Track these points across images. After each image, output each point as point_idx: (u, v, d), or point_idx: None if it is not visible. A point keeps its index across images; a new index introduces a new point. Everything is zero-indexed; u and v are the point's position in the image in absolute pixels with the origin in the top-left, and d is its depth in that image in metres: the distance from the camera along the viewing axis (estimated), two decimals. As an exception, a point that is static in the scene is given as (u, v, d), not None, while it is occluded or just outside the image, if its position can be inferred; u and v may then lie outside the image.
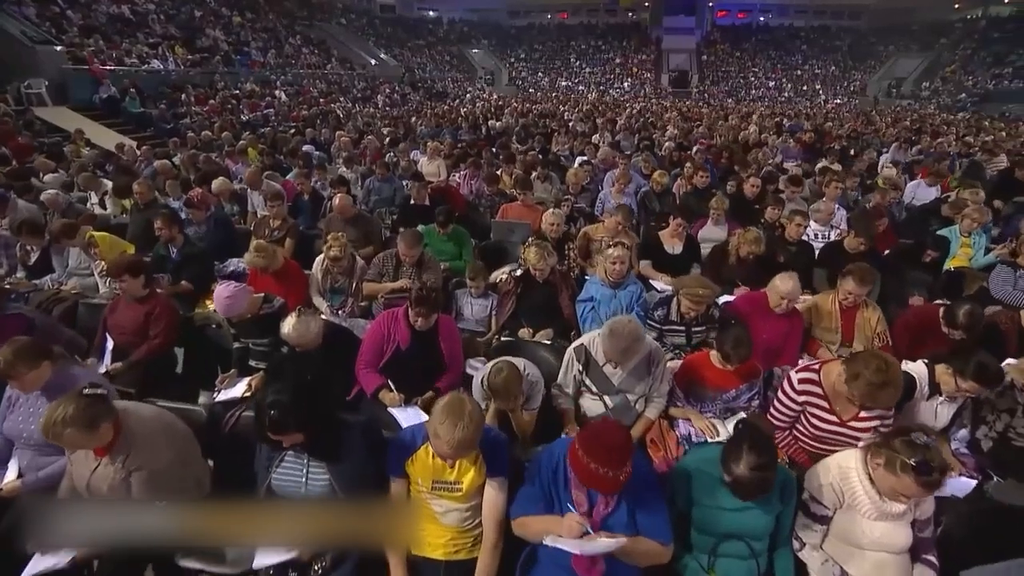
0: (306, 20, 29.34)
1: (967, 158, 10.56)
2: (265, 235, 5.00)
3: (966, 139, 13.01)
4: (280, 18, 26.96)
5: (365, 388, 2.79)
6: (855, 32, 39.94)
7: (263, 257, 3.68)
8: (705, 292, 3.17)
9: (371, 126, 13.79)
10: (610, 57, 43.03)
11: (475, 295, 3.76)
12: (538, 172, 7.24)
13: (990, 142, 11.98)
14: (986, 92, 29.04)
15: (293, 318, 2.69)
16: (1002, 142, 12.17)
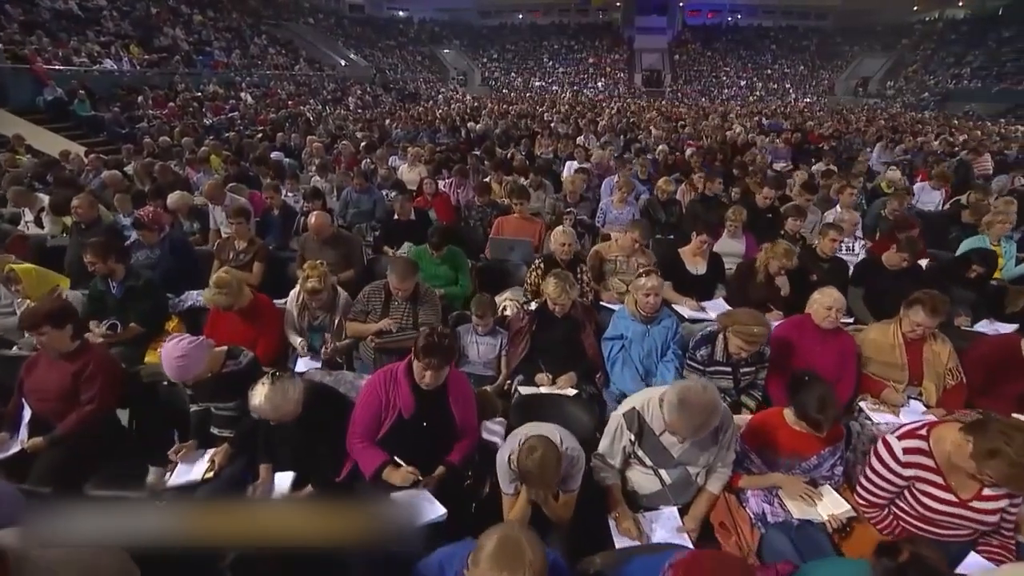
0: (272, 19, 28.19)
1: (951, 157, 10.51)
2: (229, 258, 4.35)
3: (947, 138, 13.05)
4: (244, 17, 25.80)
5: (364, 467, 2.22)
6: (821, 32, 40.71)
7: (226, 295, 3.06)
8: (760, 331, 2.70)
9: (344, 129, 13.06)
10: (583, 57, 42.98)
11: (481, 332, 3.21)
12: (530, 179, 6.74)
13: (973, 141, 11.99)
14: (947, 91, 29.81)
15: (266, 387, 2.10)
16: (981, 140, 12.17)
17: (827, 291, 3.01)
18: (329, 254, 4.27)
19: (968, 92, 28.47)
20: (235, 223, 4.33)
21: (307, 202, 5.37)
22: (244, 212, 4.43)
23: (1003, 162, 10.34)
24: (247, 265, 4.33)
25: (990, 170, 9.47)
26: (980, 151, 10.42)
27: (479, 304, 3.15)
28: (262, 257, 4.37)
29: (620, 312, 3.12)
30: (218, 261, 4.38)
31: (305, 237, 4.40)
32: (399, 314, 3.14)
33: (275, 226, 5.43)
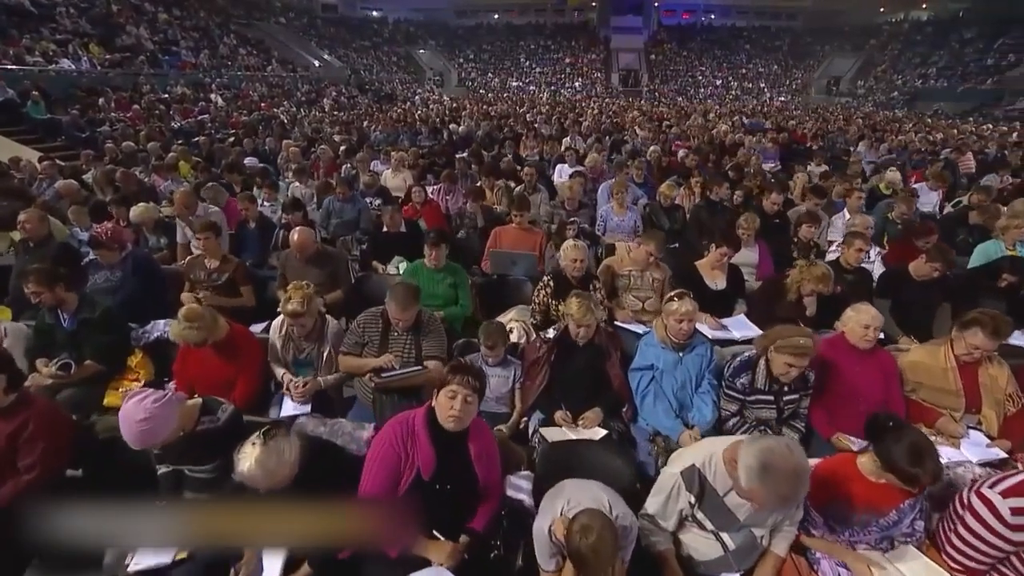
0: (242, 19, 27.26)
1: (934, 156, 10.54)
2: (201, 279, 3.91)
3: (927, 136, 13.16)
4: (212, 16, 24.87)
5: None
6: (793, 32, 41.37)
7: (198, 329, 2.65)
8: (806, 341, 2.44)
9: (320, 132, 12.52)
10: (559, 57, 42.90)
11: (492, 363, 2.87)
12: (526, 182, 6.41)
13: (954, 140, 12.10)
14: (915, 91, 30.51)
15: (257, 449, 1.73)
16: (963, 139, 12.29)
17: (862, 308, 2.75)
18: (314, 273, 3.87)
19: (935, 91, 29.17)
20: (202, 239, 3.87)
21: (286, 213, 4.93)
22: (212, 227, 3.95)
23: (984, 161, 10.40)
24: (223, 287, 3.90)
25: (973, 168, 9.49)
26: (963, 150, 10.48)
27: (489, 332, 2.80)
28: (244, 277, 3.95)
29: (648, 339, 2.81)
30: (188, 283, 3.95)
31: (286, 254, 3.99)
32: (400, 347, 2.76)
33: (252, 240, 4.99)
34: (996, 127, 17.22)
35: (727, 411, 2.66)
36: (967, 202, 6.00)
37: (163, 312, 3.63)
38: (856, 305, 2.77)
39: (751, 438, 1.68)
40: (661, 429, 2.58)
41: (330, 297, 3.87)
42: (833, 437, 2.63)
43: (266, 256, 4.84)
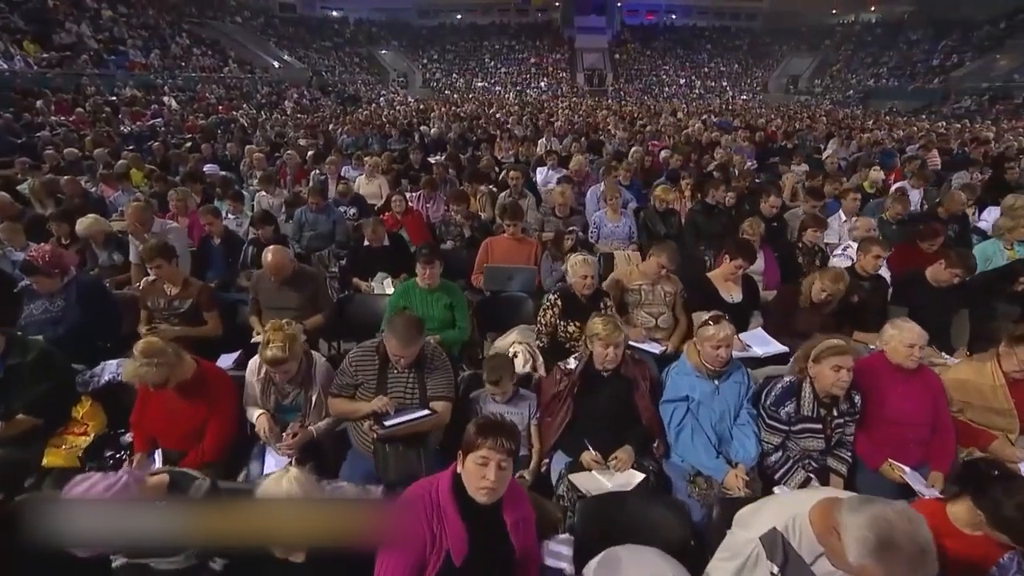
0: (195, 18, 25.99)
1: (901, 154, 10.72)
2: (160, 307, 3.44)
3: (891, 134, 13.47)
4: (163, 14, 23.59)
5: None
6: (752, 33, 42.34)
7: (159, 366, 2.23)
8: (848, 345, 2.24)
9: (284, 136, 11.88)
10: (524, 57, 42.77)
11: (500, 400, 2.54)
12: (511, 188, 6.09)
13: (919, 138, 12.39)
14: (869, 89, 31.59)
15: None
16: (930, 137, 12.59)
17: (905, 325, 2.55)
18: (291, 297, 3.47)
19: (887, 90, 30.25)
20: (153, 267, 3.36)
21: (255, 227, 4.47)
22: (162, 252, 3.39)
23: (949, 158, 10.64)
24: (187, 315, 3.44)
25: (939, 165, 9.68)
26: (929, 147, 10.71)
27: (492, 367, 2.47)
28: (209, 302, 3.50)
29: (680, 367, 2.53)
30: (144, 312, 3.47)
31: (258, 276, 3.55)
32: (401, 387, 2.40)
33: (217, 258, 4.51)
34: (950, 124, 17.86)
35: (769, 444, 2.41)
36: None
37: (116, 349, 3.17)
38: (896, 322, 2.57)
39: (853, 501, 1.41)
40: (702, 469, 2.31)
41: (310, 323, 3.47)
42: (883, 466, 2.41)
43: (233, 276, 4.37)
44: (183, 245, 4.68)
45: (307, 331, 3.36)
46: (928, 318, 3.52)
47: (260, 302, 3.53)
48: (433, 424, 2.32)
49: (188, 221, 5.29)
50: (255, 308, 3.56)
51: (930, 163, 9.69)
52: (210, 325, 3.50)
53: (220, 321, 3.56)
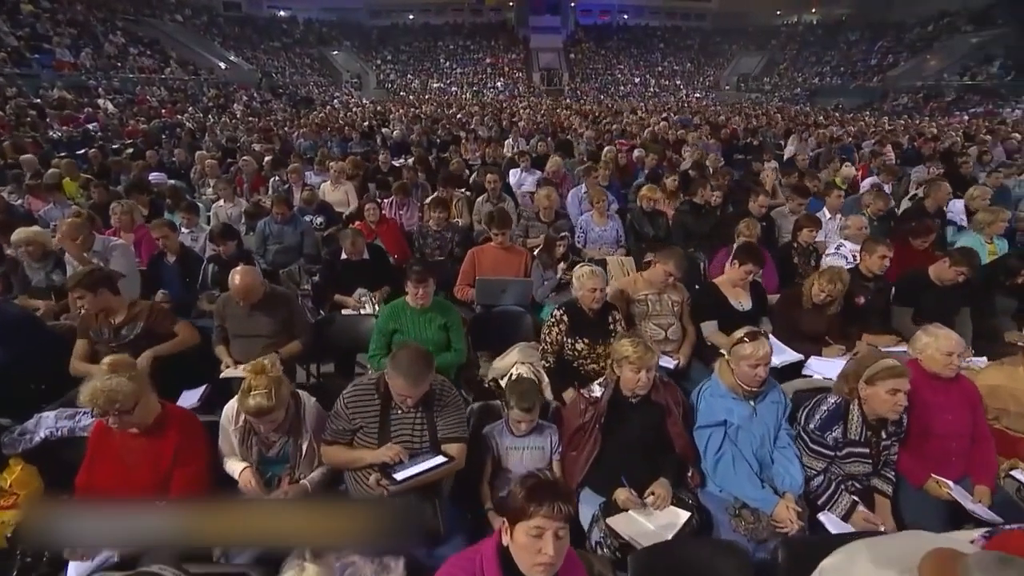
0: (130, 15, 24.39)
1: (858, 150, 11.06)
2: (106, 339, 2.99)
3: (847, 130, 13.92)
4: (93, 11, 22.01)
5: None
6: (703, 32, 43.45)
7: (131, 379, 1.90)
8: (906, 370, 2.08)
9: (237, 141, 11.18)
10: (480, 57, 42.48)
11: (522, 432, 2.26)
12: (489, 192, 5.81)
13: (874, 135, 12.84)
14: (814, 87, 32.90)
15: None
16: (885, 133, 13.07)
17: (939, 331, 2.43)
18: (262, 322, 3.08)
19: (831, 88, 31.58)
20: (79, 298, 2.87)
21: (215, 242, 4.02)
22: (95, 282, 2.87)
23: (904, 153, 11.04)
24: (138, 343, 3.00)
25: (894, 160, 10.00)
26: (884, 143, 11.08)
27: (523, 393, 2.20)
28: (167, 318, 3.08)
29: (713, 389, 2.32)
30: (84, 343, 2.99)
31: (224, 300, 3.14)
32: (407, 430, 2.09)
33: (172, 278, 4.03)
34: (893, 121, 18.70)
35: (812, 469, 2.23)
36: (922, 194, 6.13)
37: (52, 392, 2.71)
38: (930, 328, 2.44)
39: (984, 560, 1.21)
40: (748, 500, 2.10)
41: (286, 351, 3.10)
42: (927, 483, 2.28)
43: (192, 299, 3.92)
44: (130, 265, 4.19)
45: (283, 360, 3.03)
46: (934, 318, 3.49)
47: (227, 329, 3.12)
48: (448, 471, 2.03)
49: (134, 237, 4.78)
50: (221, 336, 3.16)
51: (886, 158, 10.03)
52: (183, 335, 3.08)
53: (193, 327, 3.14)
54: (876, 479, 2.26)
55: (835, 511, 2.16)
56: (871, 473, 2.24)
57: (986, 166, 8.58)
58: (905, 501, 2.28)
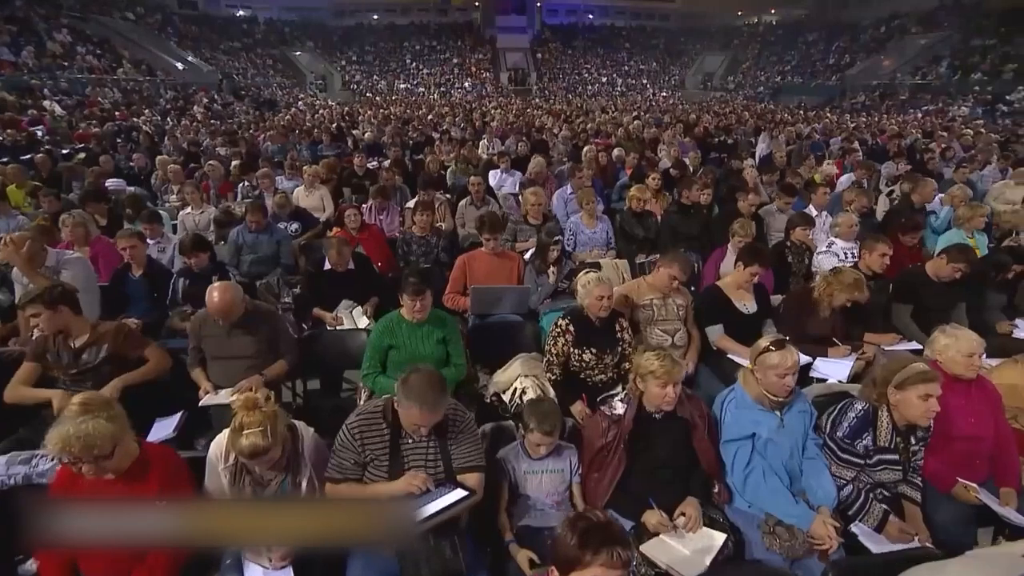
0: (76, 12, 23.14)
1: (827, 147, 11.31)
2: (65, 365, 2.69)
3: (813, 127, 14.25)
4: (34, 7, 20.78)
5: None
6: (667, 32, 44.21)
7: (108, 419, 1.68)
8: (936, 374, 2.02)
9: (200, 145, 10.66)
10: (447, 57, 42.17)
11: (541, 455, 2.11)
12: (472, 195, 5.63)
13: (840, 130, 13.17)
14: (777, 86, 33.76)
15: None
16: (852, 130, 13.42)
17: (958, 332, 2.38)
18: (244, 342, 2.84)
19: (793, 87, 32.44)
20: (33, 317, 2.59)
21: (186, 255, 3.72)
22: (55, 299, 2.60)
23: (871, 149, 11.34)
24: (102, 370, 2.71)
25: (861, 157, 10.26)
26: (851, 139, 11.36)
27: (545, 414, 2.04)
28: (135, 340, 2.81)
29: (738, 400, 2.21)
30: (31, 368, 2.67)
31: (200, 319, 2.88)
32: (420, 460, 1.90)
33: (138, 295, 3.72)
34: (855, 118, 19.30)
35: (841, 479, 2.15)
36: (899, 191, 6.25)
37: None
38: (948, 329, 2.40)
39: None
40: (783, 517, 2.00)
41: (272, 372, 2.87)
42: (955, 488, 2.22)
43: (162, 317, 3.61)
44: (89, 281, 3.86)
45: (268, 382, 2.81)
46: (932, 315, 3.52)
47: (205, 351, 2.87)
48: (470, 506, 1.85)
49: (91, 251, 4.41)
50: (197, 358, 2.90)
51: (857, 155, 10.28)
52: (154, 360, 2.81)
53: (164, 351, 2.87)
54: (904, 486, 2.20)
55: (867, 522, 2.09)
56: (900, 480, 2.16)
57: (948, 161, 8.88)
58: (932, 508, 2.22)
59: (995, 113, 20.64)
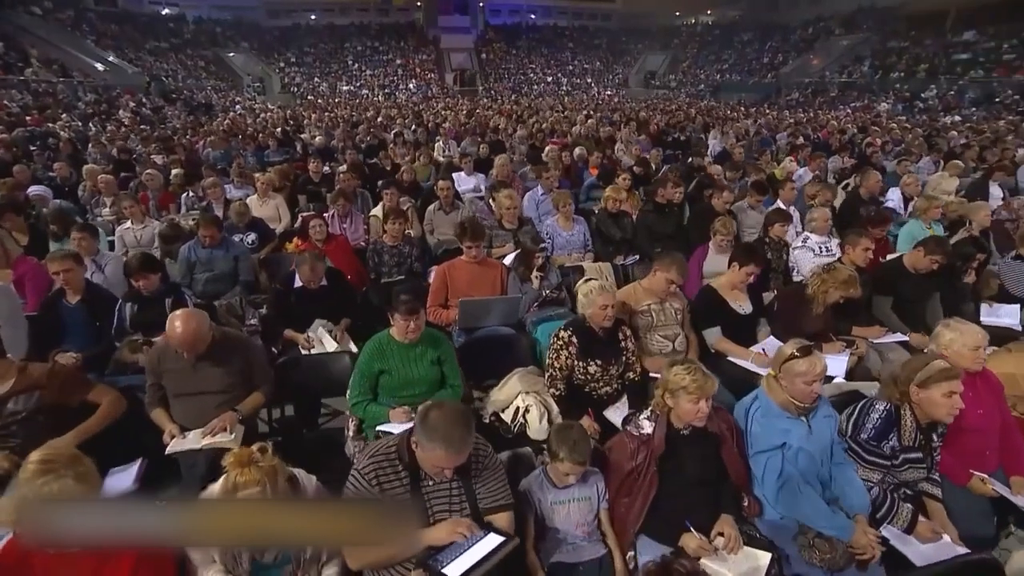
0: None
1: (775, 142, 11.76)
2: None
3: (759, 123, 14.79)
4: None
5: None
6: (609, 32, 45.05)
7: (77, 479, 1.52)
8: (958, 371, 2.03)
9: (131, 152, 9.83)
10: (390, 58, 41.36)
11: (571, 483, 1.95)
12: (441, 199, 5.40)
13: (785, 127, 13.72)
14: (717, 83, 35.06)
15: None
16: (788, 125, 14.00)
17: (962, 326, 2.41)
18: (213, 375, 2.52)
19: (732, 84, 33.78)
20: None
21: (134, 276, 3.30)
22: None
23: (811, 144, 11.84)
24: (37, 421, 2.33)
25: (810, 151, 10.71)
26: (797, 135, 11.85)
27: (576, 444, 1.88)
28: (78, 382, 2.45)
29: (765, 409, 2.12)
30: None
31: (159, 353, 2.53)
32: (444, 502, 1.69)
33: (75, 327, 3.27)
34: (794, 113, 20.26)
35: (868, 481, 2.11)
36: (853, 183, 6.49)
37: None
38: (951, 324, 2.41)
39: None
40: (823, 529, 1.92)
41: (247, 406, 2.56)
42: (971, 481, 2.23)
43: (107, 350, 3.19)
44: (12, 311, 3.42)
45: (244, 419, 2.51)
46: (909, 306, 3.62)
47: (167, 387, 2.53)
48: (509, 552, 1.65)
49: (14, 274, 3.91)
50: (157, 397, 2.55)
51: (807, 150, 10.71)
52: (106, 405, 2.44)
53: (115, 392, 2.51)
54: (925, 484, 2.18)
55: (896, 523, 2.05)
56: (922, 478, 2.15)
57: (888, 155, 9.38)
58: (950, 503, 2.22)
59: (913, 109, 22.18)
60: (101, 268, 3.98)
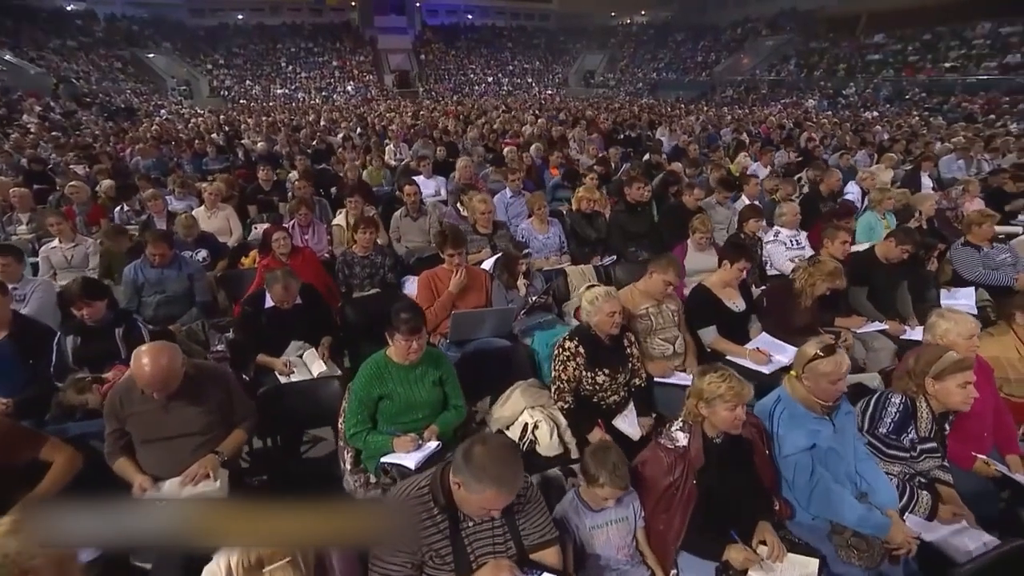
0: None
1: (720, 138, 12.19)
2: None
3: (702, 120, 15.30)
4: None
5: None
6: (547, 32, 45.61)
7: None
8: (971, 361, 2.08)
9: (45, 162, 8.90)
10: (326, 60, 40.08)
11: (609, 506, 1.84)
12: (408, 205, 5.17)
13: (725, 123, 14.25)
14: (654, 82, 36.16)
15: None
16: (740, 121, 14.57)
17: (955, 316, 2.49)
18: (187, 416, 2.24)
19: (669, 83, 34.94)
20: None
21: (77, 306, 2.90)
22: None
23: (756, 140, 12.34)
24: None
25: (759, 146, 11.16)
26: (740, 130, 12.33)
27: (615, 467, 1.77)
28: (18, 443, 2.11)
29: (790, 411, 2.08)
30: None
31: (122, 394, 2.21)
32: (487, 544, 1.53)
33: (3, 364, 2.83)
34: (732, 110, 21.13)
35: (889, 474, 2.12)
36: (807, 178, 6.78)
37: None
38: (946, 313, 2.49)
39: None
40: (860, 528, 1.90)
41: (229, 447, 2.30)
42: (975, 464, 2.30)
43: (46, 392, 2.78)
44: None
45: (227, 459, 2.25)
46: (883, 294, 3.75)
47: (132, 433, 2.22)
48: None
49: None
50: (119, 445, 2.22)
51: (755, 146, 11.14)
52: (60, 462, 2.11)
53: (68, 447, 2.17)
54: (937, 471, 2.22)
55: (918, 512, 2.08)
56: (936, 466, 2.19)
57: (827, 149, 9.91)
58: (958, 486, 2.28)
59: (836, 105, 23.69)
60: (23, 298, 3.48)
